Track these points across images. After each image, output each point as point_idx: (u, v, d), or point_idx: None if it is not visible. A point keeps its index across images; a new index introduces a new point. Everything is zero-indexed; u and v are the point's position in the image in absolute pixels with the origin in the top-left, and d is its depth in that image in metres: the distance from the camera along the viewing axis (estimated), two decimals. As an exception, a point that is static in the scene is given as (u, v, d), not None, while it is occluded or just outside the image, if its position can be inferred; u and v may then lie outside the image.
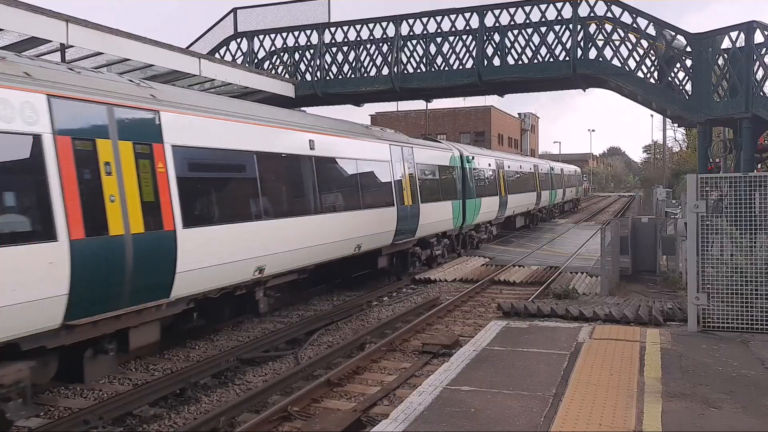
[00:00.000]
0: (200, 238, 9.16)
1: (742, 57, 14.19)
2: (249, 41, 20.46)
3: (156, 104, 8.73)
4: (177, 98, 9.33)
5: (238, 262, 10.04)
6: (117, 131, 8.03)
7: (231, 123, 10.12)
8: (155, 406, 8.40)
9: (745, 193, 8.39)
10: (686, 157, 55.29)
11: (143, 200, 8.27)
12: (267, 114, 11.51)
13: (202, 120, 9.53)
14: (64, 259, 7.11)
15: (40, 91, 7.13)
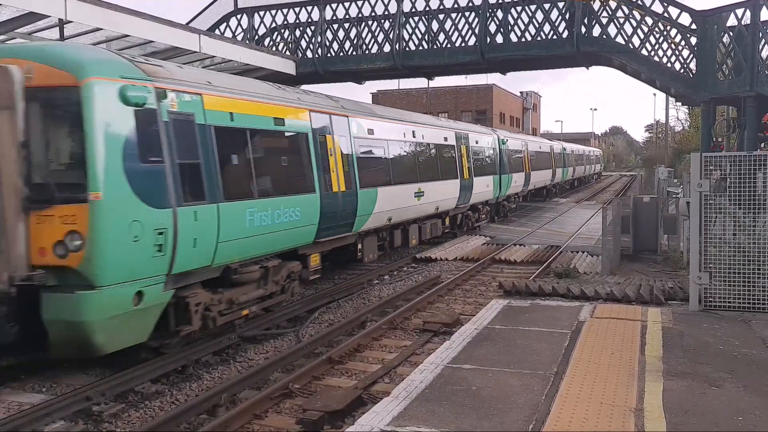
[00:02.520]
0: (365, 196, 13.74)
1: (748, 35, 14.03)
2: (249, 17, 20.25)
3: (348, 112, 13.71)
4: (354, 107, 14.43)
5: (383, 212, 14.74)
6: (332, 130, 12.71)
7: (377, 121, 15.31)
8: (157, 382, 8.43)
9: (748, 172, 8.33)
10: (689, 137, 55.11)
11: (342, 170, 12.86)
12: (387, 113, 16.98)
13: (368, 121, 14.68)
14: (317, 204, 11.72)
15: (307, 109, 12.00)
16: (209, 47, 14.03)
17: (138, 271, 7.80)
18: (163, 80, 8.46)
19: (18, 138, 7.41)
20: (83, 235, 7.34)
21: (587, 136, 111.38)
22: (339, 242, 13.14)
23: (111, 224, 7.48)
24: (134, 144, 7.84)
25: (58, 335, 7.52)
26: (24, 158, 7.45)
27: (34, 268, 7.40)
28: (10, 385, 8.38)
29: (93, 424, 7.22)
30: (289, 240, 10.97)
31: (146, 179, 7.93)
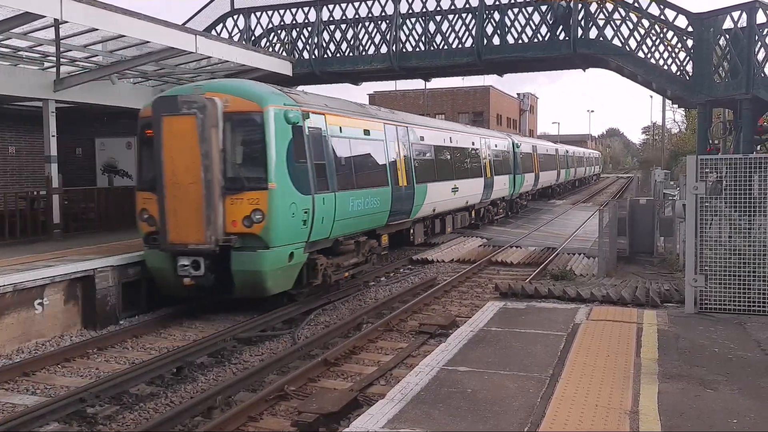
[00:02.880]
0: (419, 190, 16.96)
1: (744, 37, 14.05)
2: (246, 18, 20.23)
3: (407, 124, 17.30)
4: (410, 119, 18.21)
5: (430, 204, 17.92)
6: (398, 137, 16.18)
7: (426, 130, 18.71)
8: (152, 384, 8.42)
9: (744, 174, 8.34)
10: (685, 139, 55.21)
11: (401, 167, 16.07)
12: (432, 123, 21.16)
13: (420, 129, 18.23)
14: (389, 196, 15.06)
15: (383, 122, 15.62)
16: (205, 48, 13.98)
17: (292, 238, 11.32)
18: (305, 105, 12.05)
19: (219, 146, 10.81)
20: (264, 212, 10.80)
21: (584, 138, 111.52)
22: (400, 226, 16.85)
23: (280, 204, 10.97)
24: (292, 150, 11.31)
25: (242, 281, 11.03)
26: (222, 160, 10.82)
27: (221, 237, 10.79)
28: (4, 386, 8.36)
29: (87, 426, 7.20)
30: (372, 222, 14.63)
31: (298, 174, 11.44)
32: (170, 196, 10.90)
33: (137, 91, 17.35)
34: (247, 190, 10.93)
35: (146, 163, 11.92)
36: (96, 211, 16.30)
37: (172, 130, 10.84)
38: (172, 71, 16.25)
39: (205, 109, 10.70)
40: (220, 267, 10.96)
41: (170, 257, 11.19)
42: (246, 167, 11.23)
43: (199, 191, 10.72)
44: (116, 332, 10.82)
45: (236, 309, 12.62)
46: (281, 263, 11.19)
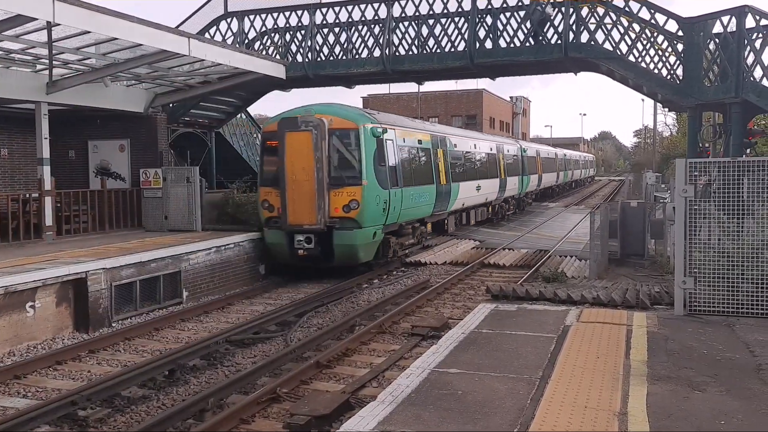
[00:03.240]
0: (454, 187, 20.66)
1: (733, 42, 14.15)
2: (239, 21, 20.23)
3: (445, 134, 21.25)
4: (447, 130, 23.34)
5: (461, 199, 21.56)
6: (439, 145, 19.80)
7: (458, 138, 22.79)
8: (144, 387, 8.43)
9: (733, 178, 8.41)
10: (676, 142, 55.50)
11: (442, 169, 19.66)
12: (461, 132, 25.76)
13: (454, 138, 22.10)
14: (434, 192, 18.45)
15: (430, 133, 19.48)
16: (198, 51, 13.98)
17: (376, 221, 15.35)
18: (383, 123, 16.15)
19: (326, 154, 14.82)
20: (358, 202, 14.83)
21: (576, 141, 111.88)
22: (439, 217, 20.33)
23: (369, 197, 14.97)
24: (376, 156, 15.39)
25: (341, 252, 15.10)
26: (328, 164, 14.80)
27: (328, 220, 14.81)
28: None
29: (78, 429, 7.20)
30: (422, 212, 18.52)
31: (380, 174, 15.49)
32: (290, 190, 14.94)
33: (130, 93, 17.35)
34: (346, 185, 15.05)
35: (268, 165, 16.03)
36: (89, 214, 16.28)
37: (292, 142, 14.93)
38: (165, 74, 16.25)
39: (318, 127, 14.81)
40: (325, 242, 15.07)
41: (287, 235, 15.27)
42: (345, 169, 15.24)
43: (312, 187, 14.79)
44: (108, 335, 10.82)
45: (229, 311, 12.65)
46: (368, 240, 15.41)
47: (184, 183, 16.82)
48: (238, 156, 24.30)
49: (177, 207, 16.87)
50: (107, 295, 11.61)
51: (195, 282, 13.84)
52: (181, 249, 13.63)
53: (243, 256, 15.54)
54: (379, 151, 15.56)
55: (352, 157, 15.23)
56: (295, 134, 14.91)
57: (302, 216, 14.91)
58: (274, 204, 15.51)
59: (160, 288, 12.92)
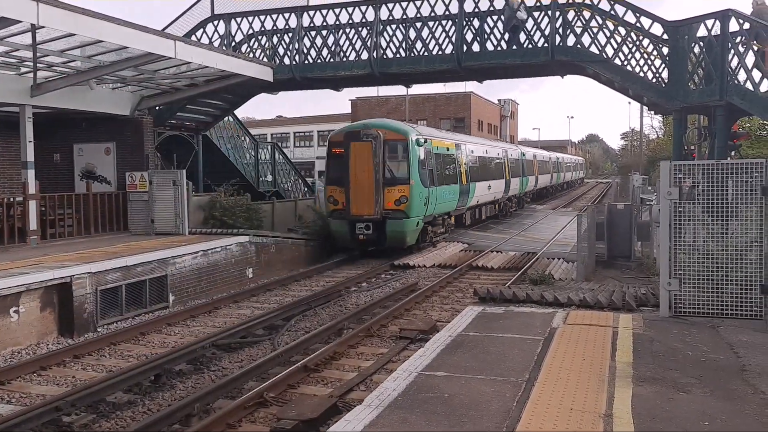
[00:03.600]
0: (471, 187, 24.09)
1: (717, 45, 14.26)
2: (226, 24, 20.16)
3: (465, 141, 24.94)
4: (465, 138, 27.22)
5: (476, 197, 25.14)
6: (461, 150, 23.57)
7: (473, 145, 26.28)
8: (129, 392, 8.36)
9: (718, 180, 8.48)
10: (663, 144, 55.88)
11: (462, 171, 23.21)
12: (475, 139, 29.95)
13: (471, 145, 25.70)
14: (458, 190, 22.58)
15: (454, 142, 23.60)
16: (185, 53, 13.91)
17: (419, 213, 18.91)
18: (424, 134, 20.05)
19: (382, 159, 18.40)
20: (407, 197, 18.30)
21: (564, 144, 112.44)
22: (460, 211, 24.13)
23: (415, 193, 18.47)
24: (420, 161, 18.98)
25: (392, 237, 18.59)
26: (383, 167, 18.41)
27: (383, 211, 18.37)
28: (-22, 396, 8.25)
29: (63, 435, 7.13)
30: (449, 207, 22.27)
31: (423, 176, 19.05)
32: (353, 188, 18.69)
33: (116, 96, 17.24)
34: (397, 184, 18.64)
35: (333, 168, 19.48)
36: (74, 217, 16.15)
37: (356, 150, 18.72)
38: (151, 76, 16.17)
39: (376, 138, 18.67)
40: (379, 229, 18.66)
41: (349, 223, 18.89)
42: (396, 171, 18.85)
43: (371, 185, 18.53)
44: (94, 340, 10.73)
45: (216, 315, 12.61)
46: (413, 227, 19.11)
47: (170, 186, 16.73)
48: (225, 159, 24.22)
49: (163, 210, 16.77)
50: (92, 299, 11.51)
51: (182, 286, 13.77)
52: (167, 253, 13.55)
53: (230, 259, 15.48)
54: (422, 157, 19.34)
55: (402, 162, 18.93)
56: (358, 144, 18.77)
57: (362, 208, 18.71)
58: (338, 199, 19.13)
59: (146, 292, 12.84)
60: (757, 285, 8.19)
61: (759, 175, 8.16)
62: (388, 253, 19.30)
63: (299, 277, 16.90)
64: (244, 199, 19.78)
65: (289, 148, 70.81)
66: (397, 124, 20.41)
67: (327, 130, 74.81)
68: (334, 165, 19.45)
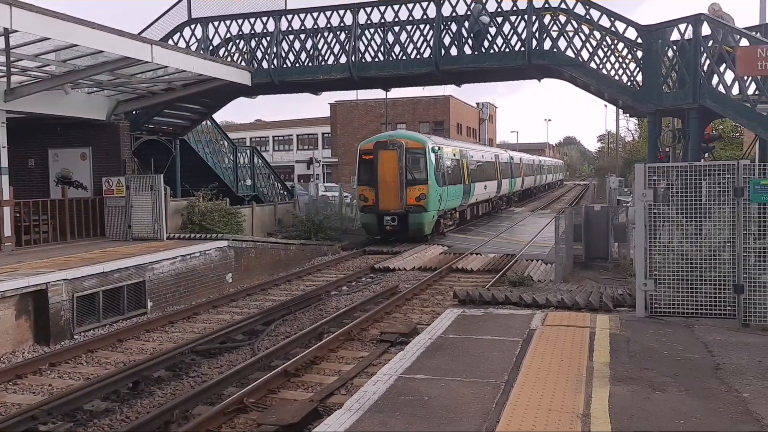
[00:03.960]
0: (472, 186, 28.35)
1: (690, 49, 14.49)
2: (203, 28, 20.06)
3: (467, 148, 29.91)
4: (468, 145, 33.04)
5: (475, 195, 29.13)
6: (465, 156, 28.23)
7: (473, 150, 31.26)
8: (107, 400, 8.27)
9: (692, 181, 8.64)
10: (638, 147, 56.59)
11: (465, 173, 27.40)
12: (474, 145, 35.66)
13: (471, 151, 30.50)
14: (462, 189, 26.89)
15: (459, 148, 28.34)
16: (162, 57, 13.82)
17: (435, 208, 22.85)
18: (438, 143, 24.43)
19: (404, 164, 22.46)
20: (425, 195, 22.22)
21: (542, 147, 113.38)
22: (463, 207, 28.18)
23: (432, 192, 22.51)
24: (435, 165, 22.96)
25: (413, 228, 22.48)
26: (405, 170, 22.46)
27: (406, 206, 22.30)
28: (-48, 407, 8.11)
29: (39, 445, 7.03)
30: (456, 203, 26.20)
31: (437, 177, 23.00)
32: (381, 187, 22.62)
33: (92, 100, 17.07)
34: (417, 184, 22.57)
35: (363, 172, 23.53)
36: (49, 224, 15.94)
37: (383, 156, 22.70)
38: (128, 81, 16.02)
39: (400, 147, 22.74)
40: (403, 221, 22.58)
41: (377, 217, 22.95)
42: (416, 174, 22.79)
43: (396, 185, 22.52)
44: (70, 347, 10.59)
45: (195, 320, 12.52)
46: (430, 220, 23.13)
47: (148, 191, 16.58)
48: (203, 163, 24.04)
49: (141, 216, 16.62)
50: (69, 306, 11.37)
51: (160, 292, 13.64)
52: (145, 258, 13.43)
53: (209, 264, 15.39)
54: (436, 162, 23.36)
55: (421, 166, 22.90)
56: (385, 152, 22.79)
57: (389, 204, 22.61)
58: (368, 197, 23.06)
59: (123, 298, 12.70)
60: (731, 285, 8.35)
61: (731, 176, 8.32)
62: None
63: (279, 281, 16.84)
64: (223, 203, 19.66)
65: (268, 152, 70.56)
66: (416, 135, 25.02)
67: (306, 133, 74.82)
68: (363, 169, 23.50)
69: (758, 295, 8.19)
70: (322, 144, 72.12)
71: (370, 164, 22.80)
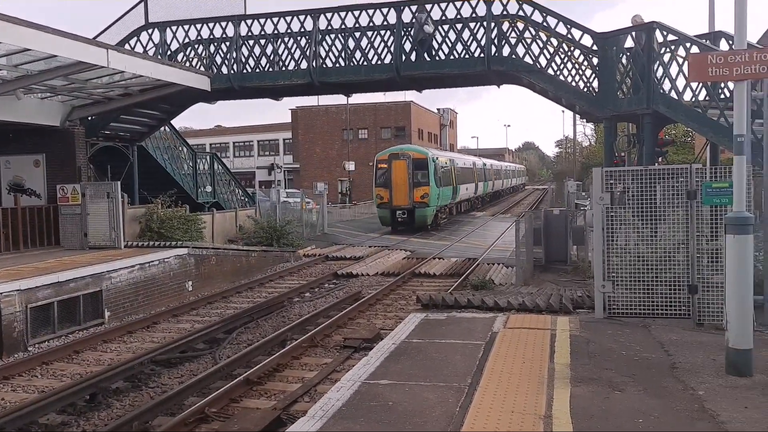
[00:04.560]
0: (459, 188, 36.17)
1: (644, 56, 14.87)
2: (161, 32, 19.76)
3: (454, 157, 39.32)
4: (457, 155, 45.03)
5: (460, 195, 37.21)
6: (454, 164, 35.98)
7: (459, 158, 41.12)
8: (63, 413, 8.05)
9: (647, 185, 8.85)
10: (595, 151, 57.82)
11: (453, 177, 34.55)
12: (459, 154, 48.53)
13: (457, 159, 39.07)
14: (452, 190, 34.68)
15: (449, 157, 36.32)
16: (118, 62, 13.55)
17: (434, 204, 29.68)
18: (437, 154, 33.09)
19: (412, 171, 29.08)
20: (428, 194, 28.83)
21: (502, 152, 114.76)
22: (452, 204, 34.45)
23: (433, 192, 29.25)
24: (434, 171, 29.62)
25: (419, 219, 29.11)
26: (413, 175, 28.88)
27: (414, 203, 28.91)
28: None
29: (-9, 461, 6.81)
30: (448, 201, 32.92)
31: (436, 180, 29.73)
32: (395, 188, 28.43)
33: (45, 106, 16.64)
34: (421, 186, 28.39)
35: (379, 177, 29.47)
36: (1, 233, 15.46)
37: (396, 165, 28.62)
38: (83, 86, 15.67)
39: (408, 157, 28.82)
40: (410, 214, 28.54)
41: (390, 211, 28.99)
42: (421, 178, 28.60)
43: (406, 187, 28.29)
44: (24, 359, 10.27)
45: (154, 329, 12.30)
46: (431, 213, 29.03)
47: (104, 198, 16.23)
48: (162, 170, 23.64)
49: (97, 224, 16.25)
50: (22, 318, 11.03)
51: (118, 301, 13.35)
52: (102, 267, 13.13)
53: (169, 272, 15.12)
54: (435, 168, 29.68)
55: (425, 172, 29.13)
56: (397, 161, 29.16)
57: (400, 201, 28.91)
58: (384, 196, 29.27)
59: (80, 308, 12.39)
60: (685, 285, 8.57)
61: (684, 180, 8.56)
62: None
63: (241, 288, 16.66)
64: (182, 210, 19.36)
65: (228, 158, 69.80)
66: (420, 148, 32.45)
67: (267, 139, 74.26)
68: (380, 175, 29.94)
69: (711, 295, 8.43)
70: (284, 150, 71.70)
71: (385, 171, 29.46)
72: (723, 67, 6.21)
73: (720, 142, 13.69)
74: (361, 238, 27.29)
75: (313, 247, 24.19)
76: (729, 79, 6.38)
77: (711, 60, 6.25)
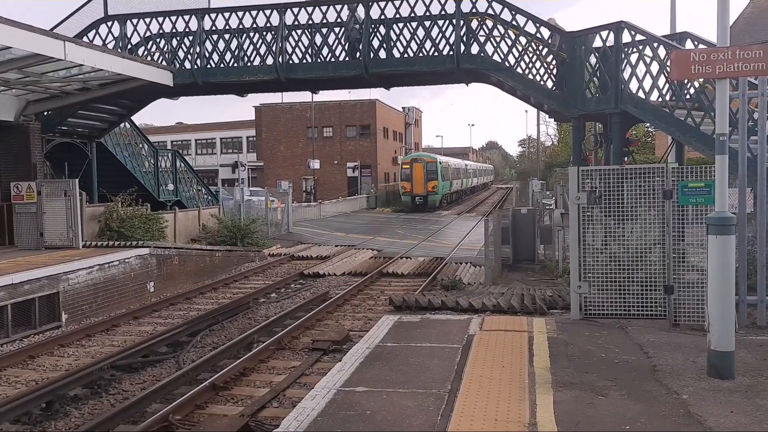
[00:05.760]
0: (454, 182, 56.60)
1: (612, 55, 14.90)
2: (121, 25, 19.11)
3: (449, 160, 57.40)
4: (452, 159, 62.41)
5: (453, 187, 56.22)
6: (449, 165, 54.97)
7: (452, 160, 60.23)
8: (17, 422, 7.59)
9: (616, 184, 8.78)
10: (558, 151, 58.57)
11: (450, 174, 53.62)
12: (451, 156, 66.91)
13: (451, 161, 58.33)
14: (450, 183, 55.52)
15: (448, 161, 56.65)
16: (76, 55, 12.98)
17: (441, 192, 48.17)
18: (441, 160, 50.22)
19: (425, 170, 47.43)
20: (437, 186, 46.90)
21: (466, 151, 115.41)
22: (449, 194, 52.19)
23: (440, 184, 48.31)
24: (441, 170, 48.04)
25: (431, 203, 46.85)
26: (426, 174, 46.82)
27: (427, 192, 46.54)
28: None
29: (-63, 479, 6.38)
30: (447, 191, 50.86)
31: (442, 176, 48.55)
32: (415, 182, 46.05)
33: (-3, 100, 15.92)
34: (432, 180, 46.33)
35: (404, 174, 46.69)
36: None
37: (416, 166, 46.56)
38: (38, 79, 15.01)
39: (424, 161, 47.29)
40: (425, 199, 45.95)
41: (411, 198, 46.07)
42: (432, 175, 46.34)
43: (423, 181, 46.14)
44: (-26, 367, 9.72)
45: (114, 333, 11.84)
46: (440, 198, 47.67)
47: (62, 196, 15.59)
48: (122, 167, 22.93)
49: (54, 223, 15.60)
50: (-28, 322, 10.47)
51: (76, 303, 12.80)
52: (59, 268, 12.56)
53: (129, 273, 14.60)
54: (441, 169, 46.60)
55: (434, 171, 45.61)
56: (417, 163, 46.01)
57: (419, 191, 45.19)
58: (407, 187, 45.34)
59: (35, 312, 11.82)
60: (661, 285, 8.52)
61: (660, 179, 8.50)
62: None
63: (205, 289, 16.20)
64: (143, 209, 18.76)
65: (191, 156, 68.54)
66: (432, 156, 48.70)
67: (230, 137, 73.15)
68: (404, 172, 46.11)
69: (686, 295, 8.39)
70: (247, 148, 70.70)
71: (408, 170, 45.89)
72: (706, 64, 6.12)
73: (687, 141, 13.78)
74: (326, 237, 26.96)
75: (279, 247, 23.79)
76: (712, 77, 6.30)
77: (694, 57, 6.16)
